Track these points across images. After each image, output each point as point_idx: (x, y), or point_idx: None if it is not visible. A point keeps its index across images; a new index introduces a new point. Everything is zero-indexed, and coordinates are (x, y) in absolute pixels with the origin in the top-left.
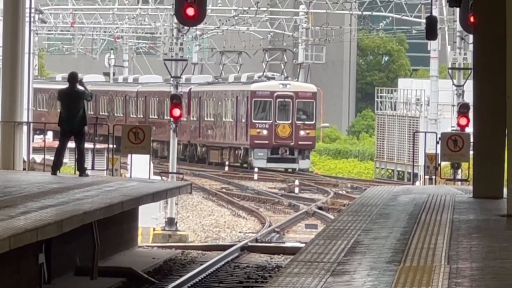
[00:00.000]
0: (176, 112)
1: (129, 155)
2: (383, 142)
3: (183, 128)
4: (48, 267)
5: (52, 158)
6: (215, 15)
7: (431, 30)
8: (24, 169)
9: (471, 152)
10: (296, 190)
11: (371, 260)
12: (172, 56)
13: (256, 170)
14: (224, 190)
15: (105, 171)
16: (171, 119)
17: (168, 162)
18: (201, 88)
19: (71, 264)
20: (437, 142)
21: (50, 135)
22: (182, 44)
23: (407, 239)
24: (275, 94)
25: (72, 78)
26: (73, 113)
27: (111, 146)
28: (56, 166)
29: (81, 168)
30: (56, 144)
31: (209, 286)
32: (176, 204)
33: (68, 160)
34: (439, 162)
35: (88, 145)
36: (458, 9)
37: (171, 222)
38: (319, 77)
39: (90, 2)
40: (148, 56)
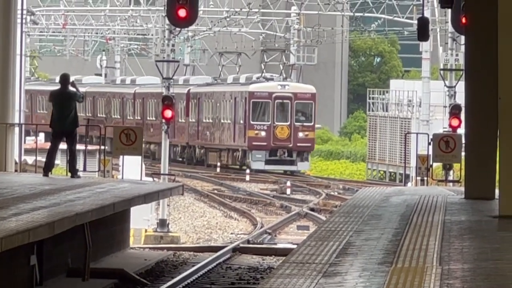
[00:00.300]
0: (168, 113)
1: (121, 157)
2: (375, 143)
3: (181, 129)
4: (40, 269)
5: (44, 160)
6: (207, 16)
7: (423, 31)
8: (16, 170)
9: (463, 153)
10: (288, 191)
11: (363, 261)
12: (164, 58)
13: (247, 171)
14: (216, 192)
15: (97, 173)
16: (163, 120)
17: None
18: (199, 89)
19: (63, 266)
20: (429, 143)
21: (42, 136)
22: (174, 45)
23: (399, 240)
24: (274, 95)
25: (64, 80)
26: (64, 114)
27: (103, 147)
28: (48, 167)
29: (72, 169)
30: (48, 145)
31: None
32: (168, 205)
33: (60, 161)
34: (431, 163)
35: (79, 146)
36: (449, 10)
37: (163, 223)
38: (311, 78)
39: (81, 4)
40: (140, 58)
